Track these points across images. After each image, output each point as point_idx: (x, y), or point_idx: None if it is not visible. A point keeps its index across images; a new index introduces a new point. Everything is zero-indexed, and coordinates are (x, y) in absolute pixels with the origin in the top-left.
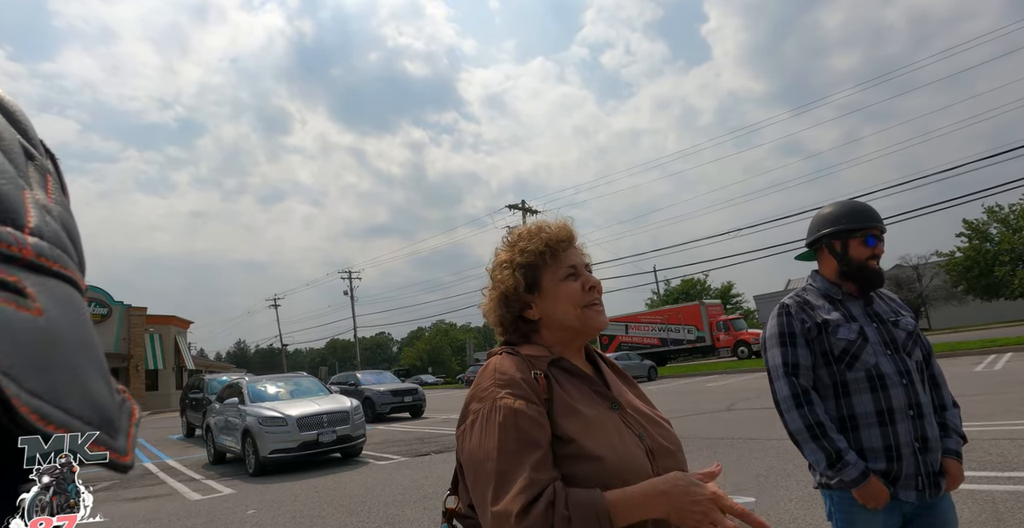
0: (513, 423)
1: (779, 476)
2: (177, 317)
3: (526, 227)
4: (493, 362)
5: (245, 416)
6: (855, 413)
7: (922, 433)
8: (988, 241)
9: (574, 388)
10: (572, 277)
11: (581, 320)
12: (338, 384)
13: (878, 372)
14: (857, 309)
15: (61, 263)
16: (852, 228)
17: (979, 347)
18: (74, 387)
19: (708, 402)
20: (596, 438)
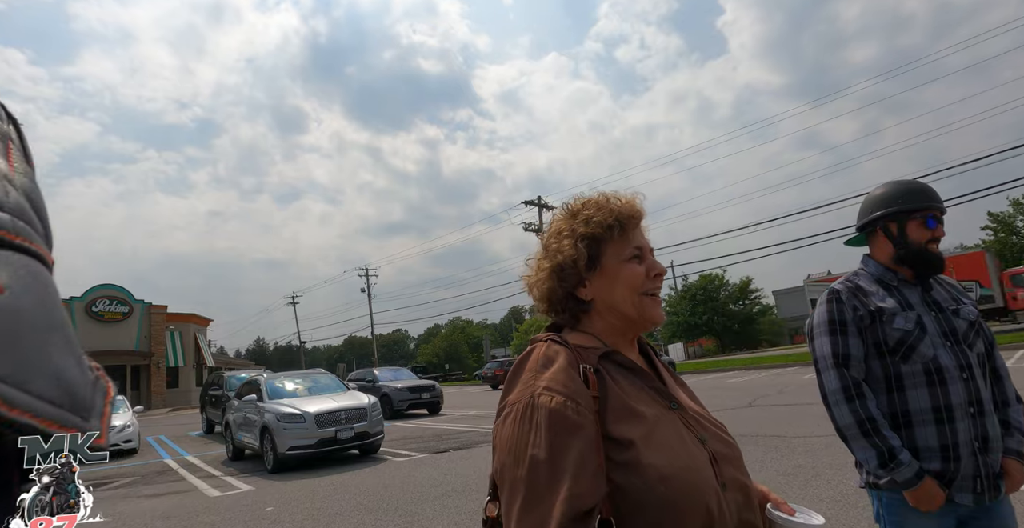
0: (555, 424)
1: (807, 475)
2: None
3: (590, 197)
4: (538, 350)
5: (263, 413)
6: (909, 409)
7: (983, 432)
8: (1014, 234)
9: (629, 385)
10: (637, 259)
11: (639, 309)
12: (356, 381)
13: (936, 365)
14: (914, 296)
15: (24, 235)
16: (911, 209)
17: (1010, 342)
18: (41, 367)
19: (729, 399)
20: (658, 443)
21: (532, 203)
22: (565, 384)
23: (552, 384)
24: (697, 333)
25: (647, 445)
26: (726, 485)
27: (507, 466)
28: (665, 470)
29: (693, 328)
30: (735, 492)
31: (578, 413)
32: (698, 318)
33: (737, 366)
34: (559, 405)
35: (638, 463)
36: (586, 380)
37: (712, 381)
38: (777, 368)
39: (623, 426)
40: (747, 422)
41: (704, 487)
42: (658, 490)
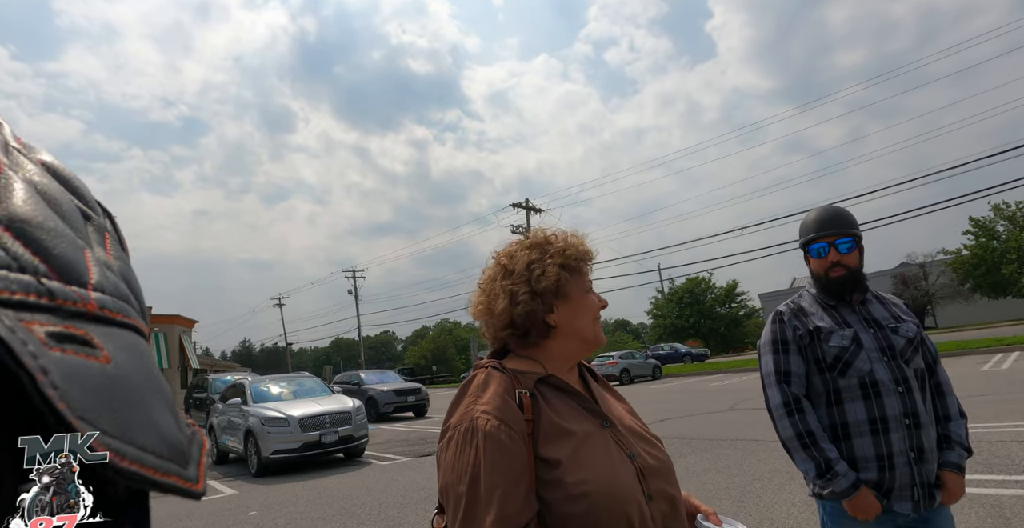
0: (489, 446)
1: (782, 479)
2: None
3: (554, 232)
4: (478, 377)
5: (248, 416)
6: (847, 421)
7: (918, 443)
8: (995, 239)
9: (563, 406)
10: (590, 292)
11: (594, 334)
12: (341, 384)
13: (872, 379)
14: (852, 315)
15: (123, 313)
16: (805, 243)
17: (986, 346)
18: (144, 424)
19: (711, 402)
20: (584, 460)
21: (520, 206)
22: (500, 408)
23: (488, 408)
24: (684, 336)
25: (573, 463)
26: (652, 496)
27: (451, 484)
28: (587, 486)
29: (680, 331)
30: (661, 503)
31: (510, 437)
32: (685, 321)
33: (722, 369)
34: (494, 429)
35: (563, 480)
36: (521, 404)
37: (696, 384)
38: None
39: (553, 447)
40: (727, 426)
41: (626, 499)
42: (581, 504)
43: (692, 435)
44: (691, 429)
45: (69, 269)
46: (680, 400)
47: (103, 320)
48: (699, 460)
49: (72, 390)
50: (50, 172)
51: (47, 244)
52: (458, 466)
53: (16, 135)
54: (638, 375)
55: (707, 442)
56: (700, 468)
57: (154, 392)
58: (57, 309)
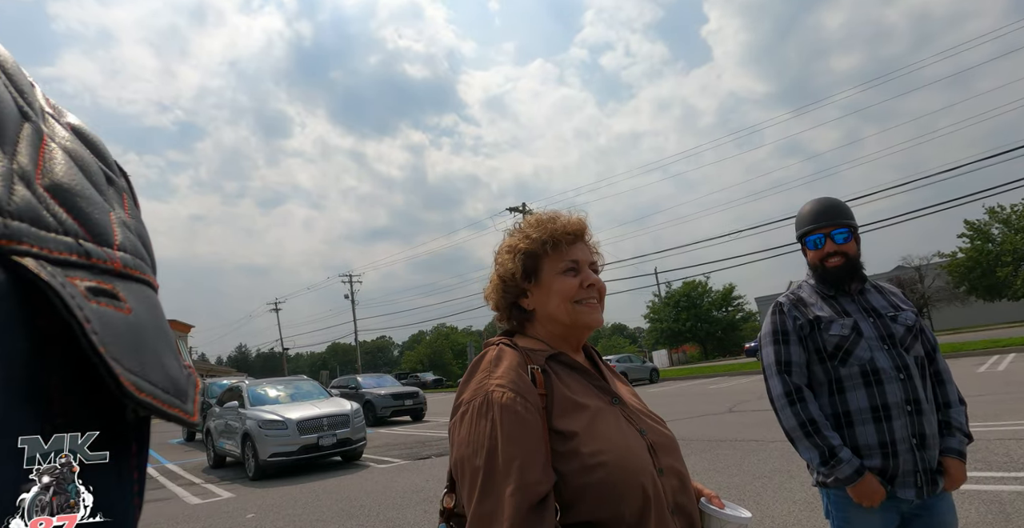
0: (506, 417)
1: (783, 477)
2: (178, 321)
3: (538, 214)
4: (490, 353)
5: (245, 420)
6: (849, 409)
7: (920, 429)
8: (990, 241)
9: (574, 382)
10: (571, 272)
11: (571, 316)
12: (339, 388)
13: (872, 367)
14: (851, 305)
15: (140, 270)
16: (802, 234)
17: (982, 348)
18: (156, 365)
19: (710, 404)
20: (598, 433)
21: (517, 210)
22: (515, 381)
23: (503, 381)
24: (681, 340)
25: (589, 435)
26: (663, 471)
27: (466, 458)
28: (604, 456)
29: (677, 335)
30: (671, 478)
31: (526, 409)
32: (681, 325)
33: (719, 372)
34: (510, 401)
35: (579, 451)
36: (534, 379)
37: (694, 387)
38: (758, 374)
39: (567, 419)
40: (726, 427)
41: (641, 470)
42: (598, 474)
43: (691, 436)
44: (690, 430)
45: (99, 231)
46: (678, 403)
47: (125, 276)
48: (699, 461)
49: (107, 336)
50: (78, 136)
51: (84, 210)
52: (474, 439)
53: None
54: (635, 379)
55: (706, 443)
56: (700, 468)
57: (163, 339)
58: (92, 267)
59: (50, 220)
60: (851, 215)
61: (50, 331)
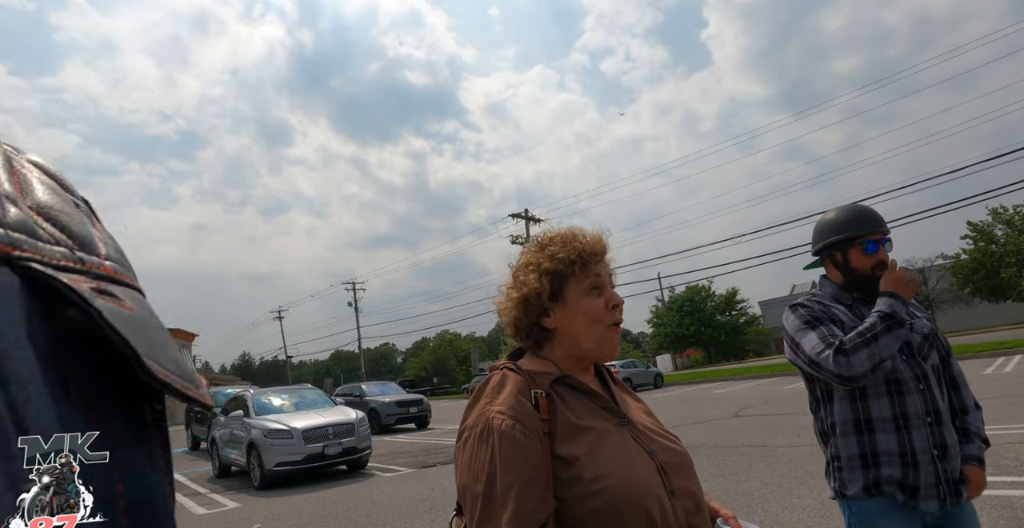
0: (505, 445)
1: (791, 484)
2: (182, 330)
3: (559, 232)
4: (493, 379)
5: (250, 429)
6: (872, 416)
7: (940, 440)
8: (993, 243)
9: (580, 405)
10: (596, 291)
11: (597, 340)
12: (343, 396)
13: (895, 377)
14: (869, 312)
15: (128, 276)
16: (851, 237)
17: (988, 349)
18: (167, 355)
19: (715, 409)
20: (602, 457)
21: (519, 216)
22: (514, 408)
23: (504, 408)
24: (684, 344)
25: (591, 459)
26: (675, 492)
27: (468, 484)
28: (606, 481)
29: (680, 339)
30: (684, 499)
31: (525, 436)
32: (685, 329)
33: (724, 377)
34: (509, 428)
35: (581, 477)
36: (537, 404)
37: (699, 392)
38: (763, 378)
39: (570, 444)
40: (732, 432)
41: (645, 494)
42: (600, 499)
43: (697, 442)
44: (696, 436)
45: (86, 243)
46: (683, 408)
47: (117, 281)
48: (706, 467)
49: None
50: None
51: (69, 225)
52: (475, 466)
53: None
54: (640, 384)
55: (712, 449)
56: (707, 474)
57: (164, 334)
58: (88, 272)
59: (43, 233)
60: None
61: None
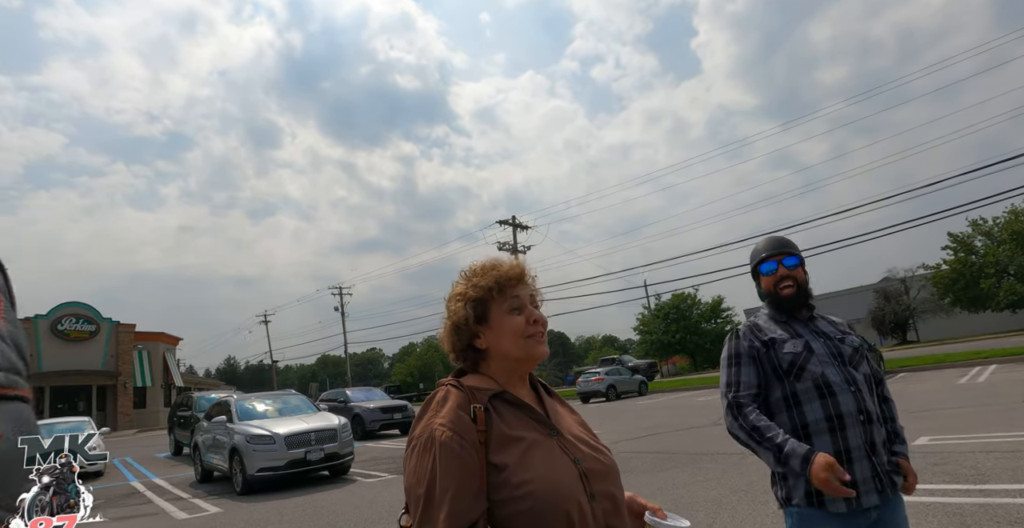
0: (444, 454)
1: (758, 491)
2: (166, 334)
3: (481, 263)
4: (438, 394)
5: (233, 434)
6: (807, 421)
7: (871, 438)
8: (973, 254)
9: (514, 418)
10: (516, 311)
11: (524, 350)
12: (327, 401)
13: (825, 381)
14: (803, 328)
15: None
16: (755, 265)
17: (965, 359)
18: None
19: (696, 417)
20: (529, 464)
21: (507, 222)
22: (454, 421)
23: (445, 421)
24: (670, 351)
25: (519, 466)
26: (595, 496)
27: (412, 487)
28: (531, 486)
29: (666, 347)
30: (603, 502)
31: (462, 446)
32: (671, 337)
33: (708, 384)
34: (448, 439)
35: (509, 482)
36: (475, 417)
37: (682, 399)
38: None
39: (502, 453)
40: (710, 440)
41: (567, 498)
42: (526, 502)
43: (675, 449)
44: (674, 444)
45: None
46: (665, 416)
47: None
48: (680, 473)
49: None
50: None
51: None
52: (419, 471)
53: None
54: (624, 391)
55: (689, 456)
56: (680, 481)
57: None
58: None
59: None
60: (798, 248)
61: None
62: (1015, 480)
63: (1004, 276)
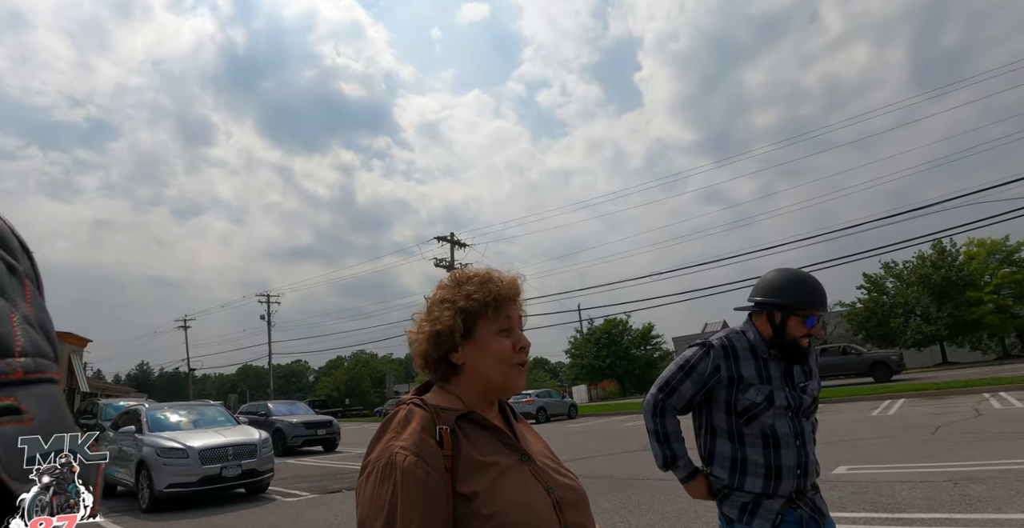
0: (406, 482)
1: (689, 517)
2: (73, 334)
3: (476, 272)
4: (399, 413)
5: (142, 446)
6: (747, 459)
7: (801, 487)
8: (885, 294)
9: (483, 441)
10: (505, 333)
11: (503, 378)
12: (247, 414)
13: (773, 432)
14: (776, 371)
15: (41, 369)
16: (796, 307)
17: (876, 393)
18: None
19: (625, 442)
20: (501, 493)
21: (445, 239)
22: (418, 445)
23: (407, 444)
24: (600, 376)
25: (490, 495)
26: (568, 526)
27: (367, 520)
28: (502, 517)
29: (596, 371)
30: None
31: (427, 473)
32: (602, 361)
33: (636, 410)
34: (412, 465)
35: (479, 513)
36: (441, 440)
37: (611, 424)
38: None
39: (470, 481)
40: (638, 465)
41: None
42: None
43: (604, 474)
44: (603, 468)
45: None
46: (594, 440)
47: (27, 383)
48: (610, 499)
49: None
50: None
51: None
52: (376, 501)
53: None
54: (554, 414)
55: (618, 481)
56: (610, 506)
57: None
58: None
59: None
60: None
61: None
62: (930, 509)
63: (911, 316)
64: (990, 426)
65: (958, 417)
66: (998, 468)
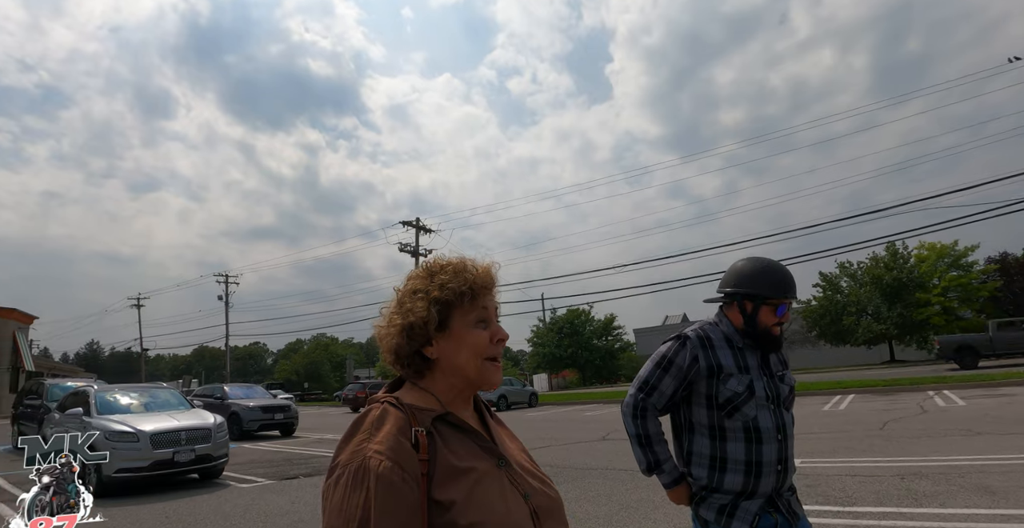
0: (381, 488)
1: (648, 508)
2: (18, 311)
3: (449, 260)
4: (373, 413)
5: (90, 429)
6: (727, 457)
7: (780, 485)
8: (839, 293)
9: (460, 445)
10: (482, 324)
11: (479, 373)
12: (202, 397)
13: (755, 425)
14: (753, 360)
15: None
16: (766, 296)
17: (828, 388)
18: None
19: (584, 431)
20: (478, 501)
21: (410, 224)
22: (394, 449)
23: (382, 448)
24: (561, 365)
25: (467, 504)
26: None
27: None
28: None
29: (558, 360)
30: None
31: (403, 479)
32: (563, 351)
33: (596, 399)
34: (387, 470)
35: (456, 523)
36: (417, 444)
37: (571, 413)
38: None
39: (447, 488)
40: (599, 455)
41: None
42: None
43: (563, 463)
44: (563, 458)
45: None
46: (554, 429)
47: None
48: (569, 489)
49: None
50: None
51: None
52: (347, 508)
53: None
54: (515, 402)
55: (578, 471)
56: (570, 497)
57: None
58: None
59: None
60: None
61: None
62: (879, 503)
63: (863, 315)
64: (935, 423)
65: (905, 414)
66: (942, 464)
